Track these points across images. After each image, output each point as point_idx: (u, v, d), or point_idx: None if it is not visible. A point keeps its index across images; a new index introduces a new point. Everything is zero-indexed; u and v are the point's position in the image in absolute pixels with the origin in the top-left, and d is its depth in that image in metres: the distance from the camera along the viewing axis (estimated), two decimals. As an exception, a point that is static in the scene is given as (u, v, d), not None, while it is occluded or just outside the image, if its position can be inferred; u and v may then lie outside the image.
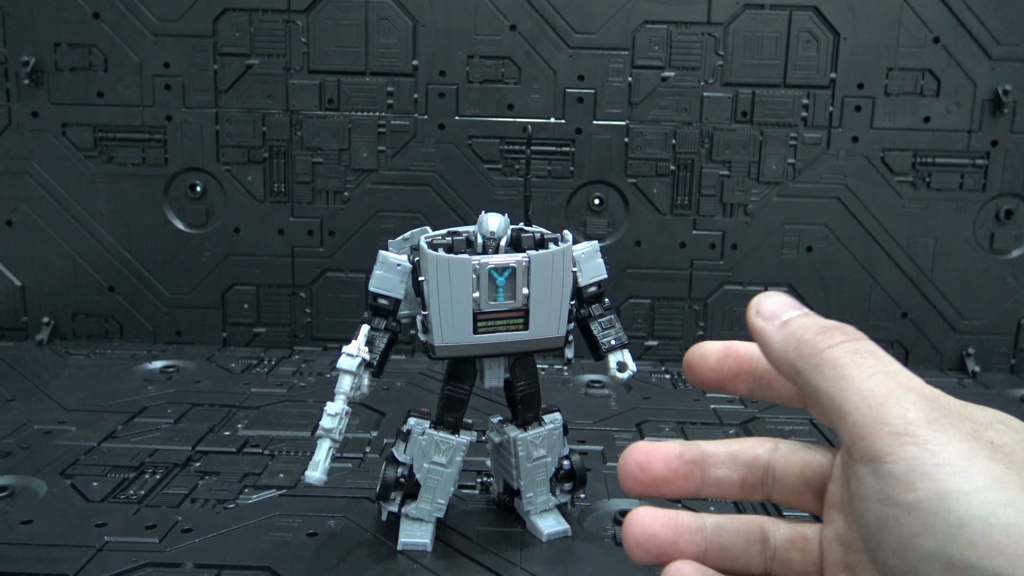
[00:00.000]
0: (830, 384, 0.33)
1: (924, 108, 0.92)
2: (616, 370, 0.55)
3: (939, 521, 0.28)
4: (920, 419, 0.30)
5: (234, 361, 0.92)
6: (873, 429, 0.30)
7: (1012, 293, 0.96)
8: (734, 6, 0.91)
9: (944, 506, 0.28)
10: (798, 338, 0.35)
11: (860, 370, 0.32)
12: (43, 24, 0.91)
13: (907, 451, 0.29)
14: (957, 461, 0.29)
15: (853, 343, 0.34)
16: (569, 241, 0.52)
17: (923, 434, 0.29)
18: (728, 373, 0.41)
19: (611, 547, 0.55)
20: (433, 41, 0.91)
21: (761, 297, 0.38)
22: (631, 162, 0.94)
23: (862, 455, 0.31)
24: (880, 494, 0.30)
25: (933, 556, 0.29)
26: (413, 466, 0.54)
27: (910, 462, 0.29)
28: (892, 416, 0.30)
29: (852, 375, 0.32)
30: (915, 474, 0.29)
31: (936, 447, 0.29)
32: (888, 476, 0.30)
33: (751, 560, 0.39)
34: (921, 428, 0.30)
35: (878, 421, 0.30)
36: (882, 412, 0.30)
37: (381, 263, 0.53)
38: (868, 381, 0.32)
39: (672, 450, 0.39)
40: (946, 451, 0.29)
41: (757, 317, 0.37)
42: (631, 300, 0.96)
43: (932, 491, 0.28)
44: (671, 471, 0.39)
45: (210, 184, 0.95)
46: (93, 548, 0.52)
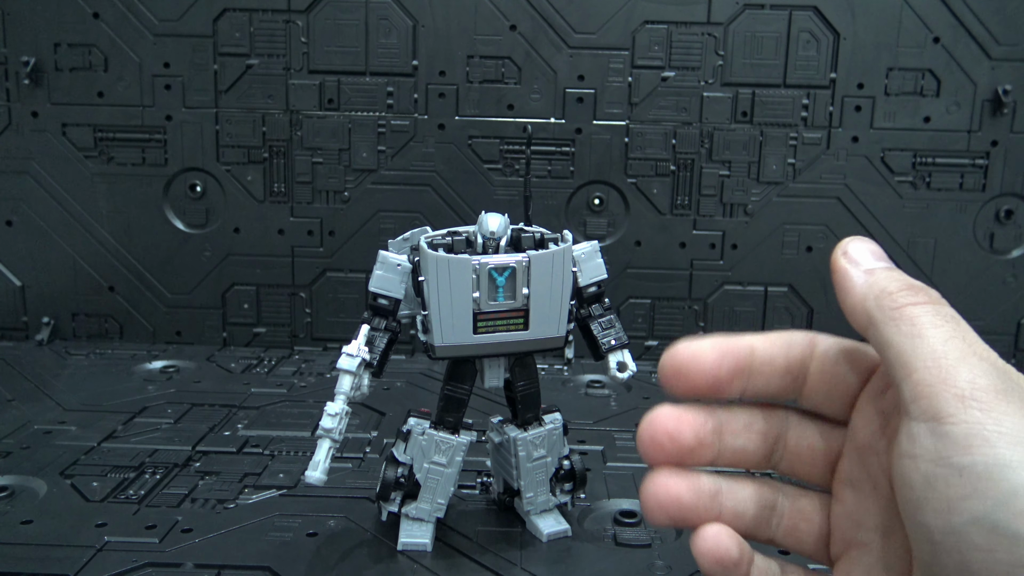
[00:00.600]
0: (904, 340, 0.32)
1: (924, 108, 0.92)
2: (616, 370, 0.55)
3: (991, 487, 0.28)
4: (988, 386, 0.30)
5: (234, 361, 0.92)
6: (939, 388, 0.30)
7: (1012, 293, 0.96)
8: (734, 6, 0.91)
9: (999, 473, 0.28)
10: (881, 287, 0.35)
11: (938, 331, 0.32)
12: (43, 24, 0.91)
13: (970, 415, 0.29)
14: (1018, 430, 0.29)
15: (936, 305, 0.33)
16: (569, 241, 0.52)
17: (989, 400, 0.29)
18: (726, 375, 0.38)
19: (611, 547, 0.55)
20: (433, 41, 0.92)
21: (850, 239, 0.37)
22: (631, 162, 0.94)
23: (922, 413, 0.31)
24: (934, 453, 0.30)
25: (978, 520, 0.28)
26: (413, 466, 0.54)
27: (972, 425, 0.29)
28: (961, 379, 0.30)
29: (929, 335, 0.32)
30: (975, 437, 0.29)
31: (1000, 415, 0.29)
32: (946, 437, 0.29)
33: (759, 526, 0.38)
34: (988, 394, 0.30)
35: (945, 382, 0.30)
36: (951, 374, 0.30)
37: (381, 263, 0.53)
38: (944, 344, 0.31)
39: (699, 418, 0.38)
40: (1009, 420, 0.29)
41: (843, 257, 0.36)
42: (631, 300, 0.96)
43: (990, 456, 0.28)
44: (698, 440, 0.38)
45: (210, 184, 0.95)
46: (93, 548, 0.52)
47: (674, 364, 0.39)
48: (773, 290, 0.96)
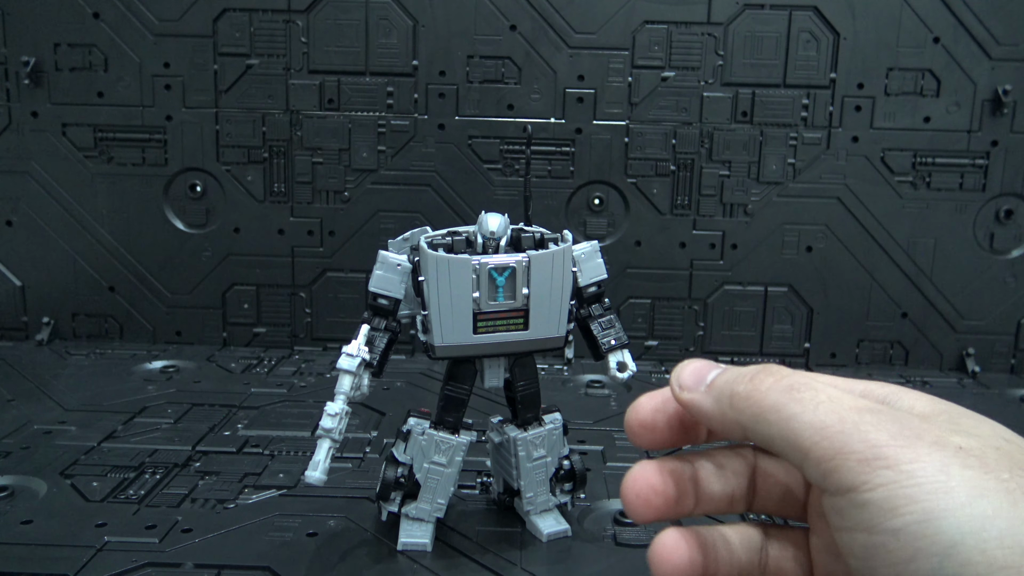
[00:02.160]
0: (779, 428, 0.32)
1: (924, 108, 0.92)
2: (616, 370, 0.55)
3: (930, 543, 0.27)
4: (883, 438, 0.29)
5: (234, 361, 0.92)
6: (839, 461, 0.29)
7: (1012, 293, 0.96)
8: (734, 6, 0.91)
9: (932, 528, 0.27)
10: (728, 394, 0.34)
11: (803, 405, 0.31)
12: (43, 24, 0.91)
13: (882, 476, 0.28)
14: (934, 476, 0.28)
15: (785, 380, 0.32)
16: (569, 241, 0.52)
17: (892, 455, 0.28)
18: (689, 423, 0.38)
19: (611, 547, 0.55)
20: (433, 41, 0.91)
21: (678, 370, 0.36)
22: (631, 162, 0.94)
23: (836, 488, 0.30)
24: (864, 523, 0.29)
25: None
26: (413, 466, 0.54)
27: (888, 487, 0.28)
28: (855, 442, 0.29)
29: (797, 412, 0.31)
30: (896, 499, 0.28)
31: (909, 466, 0.28)
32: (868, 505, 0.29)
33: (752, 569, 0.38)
34: (888, 448, 0.28)
35: (841, 452, 0.29)
36: (842, 441, 0.29)
37: (381, 263, 0.53)
38: (815, 413, 0.30)
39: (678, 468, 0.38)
40: (920, 468, 0.28)
41: (682, 392, 0.36)
42: (631, 300, 0.96)
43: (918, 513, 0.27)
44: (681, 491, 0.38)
45: (210, 184, 0.95)
46: (93, 548, 0.52)
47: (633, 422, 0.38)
48: (773, 290, 0.96)
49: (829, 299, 0.96)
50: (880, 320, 0.96)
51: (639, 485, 0.37)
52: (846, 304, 0.96)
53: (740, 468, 0.38)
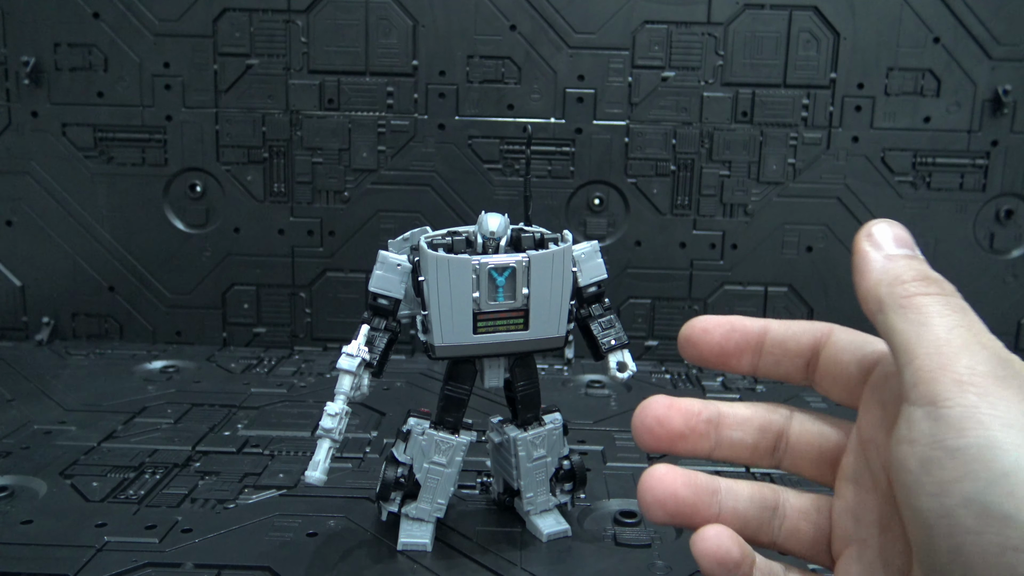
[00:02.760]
0: (909, 327, 0.33)
1: (924, 108, 0.92)
2: (616, 370, 0.55)
3: (983, 468, 0.28)
4: (987, 372, 0.30)
5: (234, 361, 0.92)
6: (939, 374, 0.31)
7: (1012, 293, 0.96)
8: (734, 6, 0.91)
9: (991, 454, 0.28)
10: (895, 275, 0.35)
11: (944, 320, 0.32)
12: (43, 24, 0.91)
13: (967, 398, 0.30)
14: (1012, 415, 0.29)
15: (947, 296, 0.34)
16: (569, 241, 0.52)
17: (986, 386, 0.30)
18: (733, 348, 0.40)
19: (611, 547, 0.55)
20: (433, 41, 0.92)
21: (877, 221, 0.37)
22: (631, 162, 0.94)
23: (920, 397, 0.31)
24: (930, 437, 0.30)
25: (970, 501, 0.29)
26: (413, 466, 0.54)
27: (967, 408, 0.29)
28: (960, 365, 0.30)
29: (935, 323, 0.32)
30: (969, 420, 0.29)
31: (996, 399, 0.29)
32: (941, 420, 0.30)
33: (760, 528, 0.39)
34: (986, 380, 0.30)
35: (945, 368, 0.31)
36: (952, 360, 0.31)
37: (381, 263, 0.53)
38: (948, 332, 0.32)
39: (692, 407, 0.39)
40: (1005, 404, 0.29)
41: (866, 240, 0.36)
42: (631, 300, 0.96)
43: (982, 438, 0.29)
44: (689, 428, 0.39)
45: (210, 184, 0.95)
46: (93, 548, 0.52)
47: (687, 334, 0.40)
48: (773, 290, 0.96)
49: (829, 299, 0.96)
50: (880, 320, 0.96)
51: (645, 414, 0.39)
52: (846, 304, 0.96)
53: (768, 423, 0.39)
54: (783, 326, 0.40)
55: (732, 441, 0.40)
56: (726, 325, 0.40)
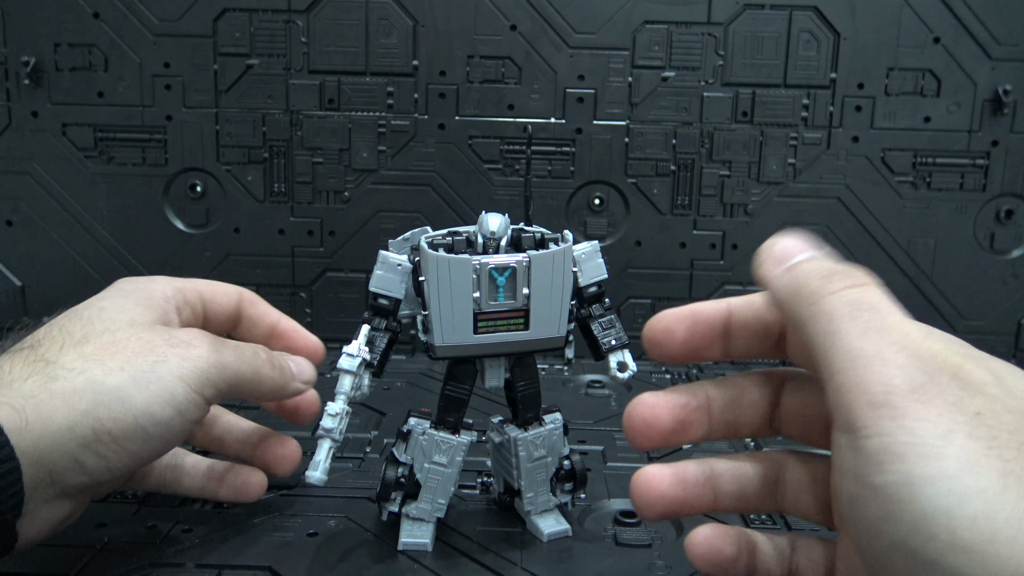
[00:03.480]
0: (822, 339, 0.30)
1: (924, 108, 0.92)
2: (616, 370, 0.55)
3: (904, 509, 0.26)
4: (903, 386, 0.27)
5: (234, 361, 0.92)
6: (854, 396, 0.28)
7: (1012, 293, 0.96)
8: (734, 6, 0.91)
9: (910, 493, 0.26)
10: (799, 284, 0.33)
11: (854, 324, 0.30)
12: (43, 24, 0.91)
13: (882, 425, 0.27)
14: (932, 440, 0.26)
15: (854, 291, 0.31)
16: (569, 241, 0.52)
17: (902, 405, 0.27)
18: (700, 341, 0.39)
19: (611, 547, 0.55)
20: (433, 41, 0.91)
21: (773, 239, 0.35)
22: (631, 162, 0.94)
23: (841, 424, 0.29)
24: (854, 471, 0.28)
25: (896, 546, 0.26)
26: (413, 466, 0.54)
27: (883, 439, 0.27)
28: (873, 383, 0.28)
29: (844, 330, 0.30)
30: (886, 453, 0.27)
31: (912, 422, 0.27)
32: (861, 452, 0.27)
33: (763, 499, 0.38)
34: (901, 398, 0.27)
35: (859, 387, 0.28)
36: (865, 376, 0.28)
37: (381, 263, 0.53)
38: (860, 338, 0.29)
39: (679, 399, 0.38)
40: (922, 427, 0.26)
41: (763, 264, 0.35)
42: (631, 300, 0.96)
43: (901, 475, 0.26)
44: (679, 421, 0.38)
45: (210, 184, 0.95)
46: (93, 548, 0.52)
47: (650, 336, 0.39)
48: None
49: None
50: (880, 320, 0.96)
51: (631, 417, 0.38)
52: (846, 304, 0.96)
53: (761, 396, 0.38)
54: (745, 305, 0.38)
55: (727, 421, 0.38)
56: (688, 319, 0.39)
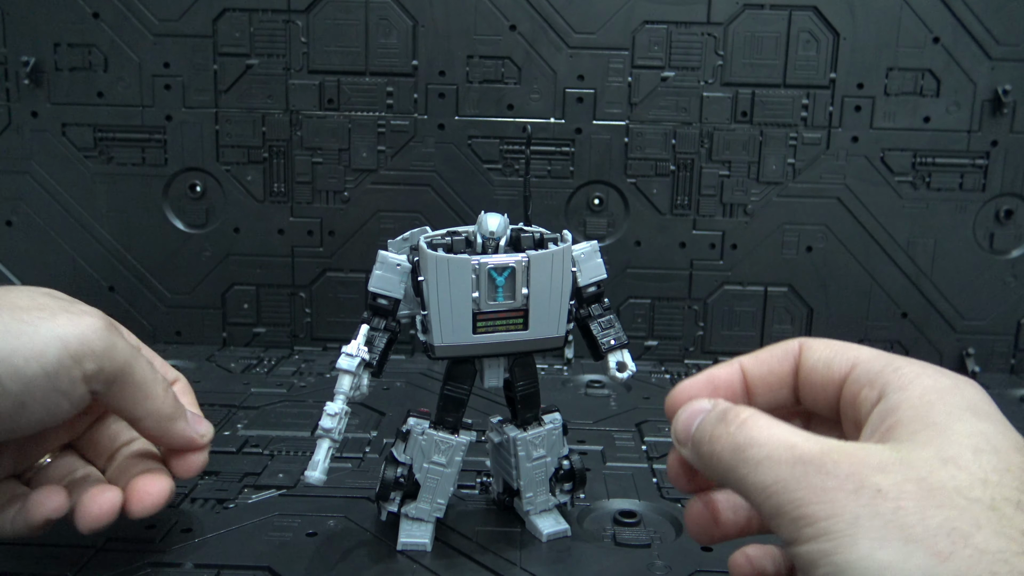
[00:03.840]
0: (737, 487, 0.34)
1: (924, 108, 0.92)
2: (616, 370, 0.55)
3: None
4: (808, 497, 0.31)
5: (234, 361, 0.92)
6: (778, 521, 0.32)
7: (1012, 293, 0.96)
8: (734, 6, 0.91)
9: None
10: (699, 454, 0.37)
11: (748, 467, 0.33)
12: (43, 24, 0.91)
13: (804, 534, 0.31)
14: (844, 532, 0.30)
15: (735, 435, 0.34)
16: (569, 241, 0.52)
17: (812, 513, 0.31)
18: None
19: (611, 547, 0.55)
20: (433, 41, 0.92)
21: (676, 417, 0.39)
22: (631, 162, 0.94)
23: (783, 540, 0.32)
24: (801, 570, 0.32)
25: None
26: (413, 466, 0.54)
27: (809, 546, 0.31)
28: (786, 503, 0.32)
29: (744, 474, 0.34)
30: (814, 555, 0.30)
31: (825, 523, 0.30)
32: (799, 558, 0.31)
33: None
34: (810, 508, 0.31)
35: (778, 512, 0.32)
36: (778, 502, 0.32)
37: (380, 263, 0.53)
38: (757, 474, 0.33)
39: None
40: (834, 524, 0.30)
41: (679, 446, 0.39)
42: (631, 300, 0.96)
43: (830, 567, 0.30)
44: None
45: (210, 184, 0.95)
46: (93, 548, 0.52)
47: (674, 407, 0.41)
48: (773, 290, 0.96)
49: (829, 299, 0.96)
50: (880, 320, 0.96)
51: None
52: (846, 304, 0.96)
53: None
54: (757, 363, 0.41)
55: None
56: (707, 387, 0.41)
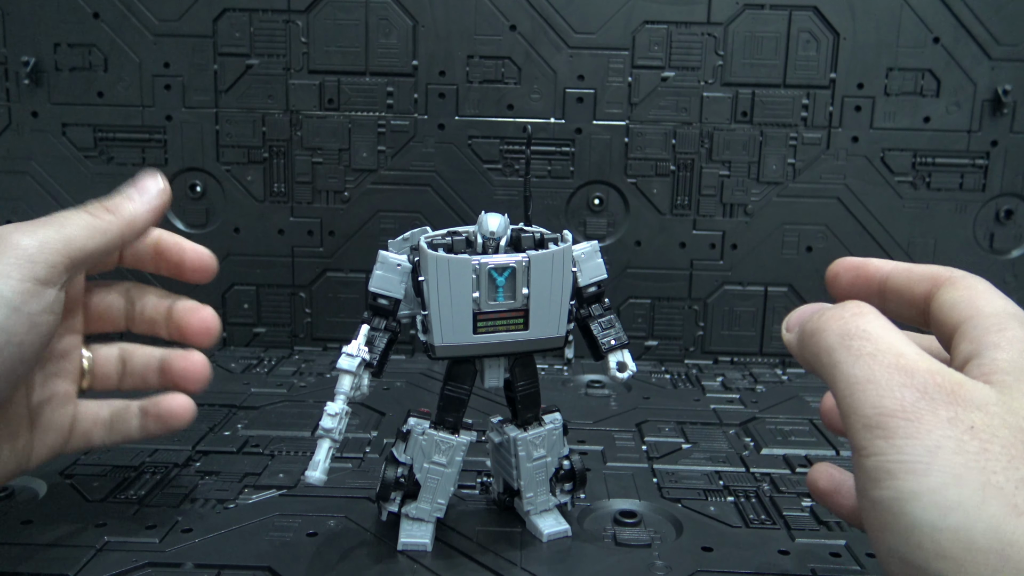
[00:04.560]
0: (828, 372, 0.33)
1: (924, 108, 0.92)
2: (616, 370, 0.55)
3: (895, 521, 0.29)
4: (894, 407, 0.30)
5: (234, 361, 0.92)
6: (852, 420, 0.31)
7: (1012, 293, 0.95)
8: (734, 6, 0.91)
9: (899, 507, 0.29)
10: (804, 333, 0.36)
11: (848, 354, 0.32)
12: (43, 24, 0.91)
13: (876, 446, 0.30)
14: (920, 457, 0.29)
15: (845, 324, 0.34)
16: (569, 241, 0.52)
17: (892, 425, 0.29)
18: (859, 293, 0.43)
19: (611, 547, 0.55)
20: (433, 41, 0.92)
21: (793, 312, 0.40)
22: (631, 162, 0.94)
23: (851, 444, 0.32)
24: (860, 486, 0.31)
25: (892, 552, 0.29)
26: (413, 466, 0.54)
27: (877, 459, 0.29)
28: (867, 406, 0.30)
29: (840, 360, 0.32)
30: (880, 471, 0.29)
31: (902, 441, 0.29)
32: (862, 471, 0.30)
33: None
34: (892, 418, 0.30)
35: (855, 411, 0.31)
36: (860, 401, 0.31)
37: (381, 263, 0.53)
38: (854, 366, 0.32)
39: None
40: (910, 446, 0.29)
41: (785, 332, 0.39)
42: (631, 300, 0.96)
43: (892, 490, 0.29)
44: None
45: (210, 184, 0.95)
46: (93, 548, 0.52)
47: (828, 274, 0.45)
48: (773, 290, 0.96)
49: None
50: (880, 320, 0.96)
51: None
52: (846, 304, 0.96)
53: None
54: (903, 274, 0.42)
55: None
56: (852, 271, 0.43)
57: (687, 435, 0.74)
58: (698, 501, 0.61)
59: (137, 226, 0.53)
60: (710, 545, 0.55)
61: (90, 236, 0.49)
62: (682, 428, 0.76)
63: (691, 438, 0.73)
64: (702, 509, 0.60)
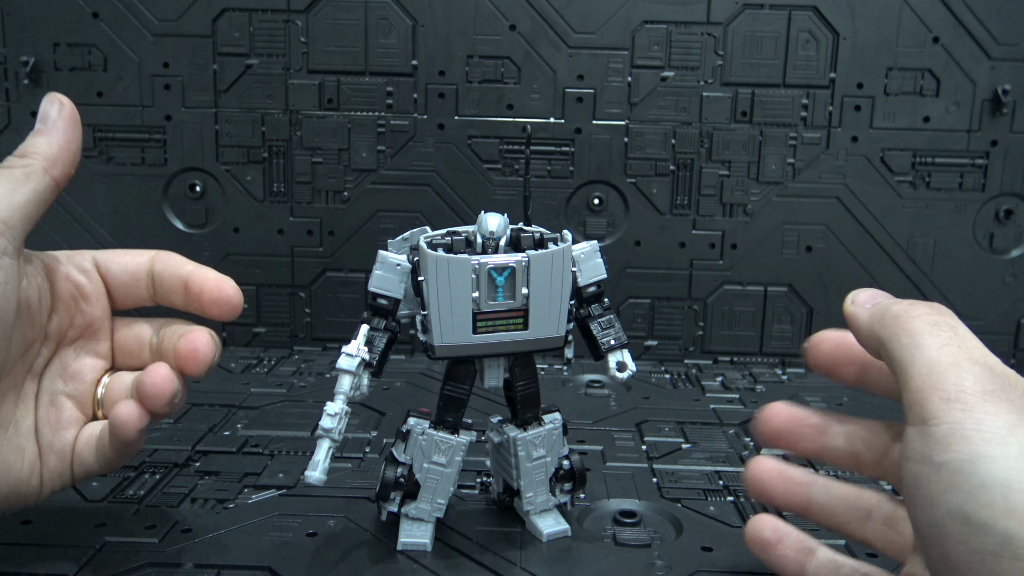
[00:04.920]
0: (904, 351, 0.35)
1: (924, 108, 0.92)
2: (616, 370, 0.55)
3: (964, 480, 0.30)
4: (975, 388, 0.32)
5: (234, 361, 0.92)
6: (928, 394, 0.32)
7: (1012, 293, 0.96)
8: (734, 6, 0.91)
9: (972, 467, 0.30)
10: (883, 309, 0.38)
11: (934, 339, 0.34)
12: (43, 24, 0.91)
13: (953, 415, 0.31)
14: (998, 429, 0.30)
15: (935, 316, 0.36)
16: (568, 241, 0.52)
17: (972, 402, 0.31)
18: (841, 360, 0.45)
19: (611, 547, 0.55)
20: (433, 41, 0.92)
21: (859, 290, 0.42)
22: (631, 162, 0.94)
23: (915, 418, 0.33)
24: (921, 454, 0.32)
25: (953, 513, 0.30)
26: (413, 466, 0.54)
27: (952, 425, 0.31)
28: (948, 383, 0.32)
29: (926, 344, 0.34)
30: (953, 436, 0.31)
31: (981, 414, 0.31)
32: (930, 437, 0.32)
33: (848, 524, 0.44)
34: (972, 396, 0.31)
35: (935, 387, 0.32)
36: (941, 379, 0.32)
37: (380, 263, 0.53)
38: (939, 351, 0.34)
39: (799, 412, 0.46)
40: (990, 419, 0.31)
41: (852, 305, 0.41)
42: (631, 300, 0.96)
43: (965, 453, 0.30)
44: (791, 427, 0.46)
45: (210, 184, 0.95)
46: (93, 548, 0.52)
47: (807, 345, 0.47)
48: (773, 290, 0.96)
49: (829, 299, 0.96)
50: (880, 320, 0.96)
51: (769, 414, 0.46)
52: (846, 304, 0.96)
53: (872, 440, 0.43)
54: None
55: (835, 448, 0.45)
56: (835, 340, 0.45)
57: (687, 435, 0.74)
58: (698, 501, 0.61)
59: (58, 155, 0.50)
60: (710, 545, 0.55)
61: (14, 189, 0.47)
62: (682, 428, 0.76)
63: (691, 438, 0.73)
64: (702, 509, 0.60)
